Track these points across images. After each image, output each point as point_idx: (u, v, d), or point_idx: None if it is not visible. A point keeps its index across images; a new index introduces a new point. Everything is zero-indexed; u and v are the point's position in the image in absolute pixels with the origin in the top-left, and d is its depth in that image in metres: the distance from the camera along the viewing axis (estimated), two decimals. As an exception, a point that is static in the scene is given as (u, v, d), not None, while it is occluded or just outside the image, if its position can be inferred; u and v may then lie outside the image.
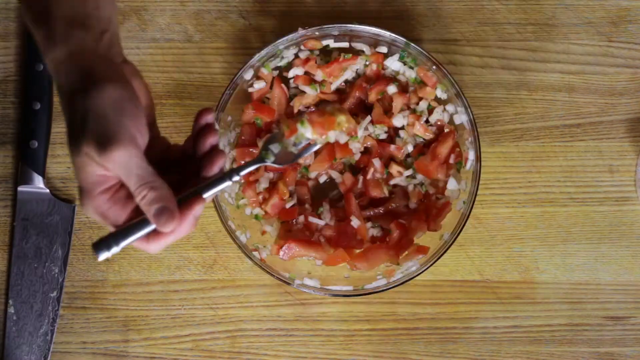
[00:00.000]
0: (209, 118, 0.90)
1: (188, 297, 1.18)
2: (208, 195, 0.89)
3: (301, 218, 1.16)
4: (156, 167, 0.86)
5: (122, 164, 0.84)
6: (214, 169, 0.90)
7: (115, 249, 0.87)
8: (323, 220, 1.16)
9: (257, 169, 1.16)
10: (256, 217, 1.16)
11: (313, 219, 1.16)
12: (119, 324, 1.18)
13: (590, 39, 1.19)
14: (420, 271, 1.13)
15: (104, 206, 0.87)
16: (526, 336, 1.18)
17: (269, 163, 0.98)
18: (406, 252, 1.14)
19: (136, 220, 0.87)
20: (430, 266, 1.13)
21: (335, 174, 1.17)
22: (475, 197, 1.13)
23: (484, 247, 1.18)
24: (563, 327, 1.18)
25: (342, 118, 1.02)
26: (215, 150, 0.90)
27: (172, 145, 0.92)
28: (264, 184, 1.16)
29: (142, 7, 1.19)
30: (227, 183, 0.90)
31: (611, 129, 1.18)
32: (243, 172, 0.92)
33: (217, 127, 0.91)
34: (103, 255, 0.87)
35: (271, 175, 1.17)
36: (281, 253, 1.14)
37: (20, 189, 1.18)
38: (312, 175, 1.17)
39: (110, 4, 0.90)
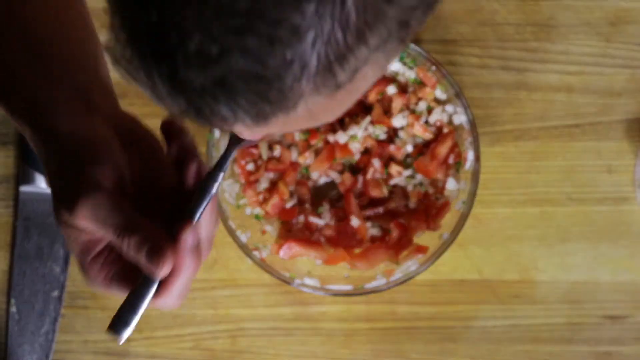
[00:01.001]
0: (167, 124, 0.79)
1: (189, 297, 1.18)
2: (196, 215, 0.76)
3: (301, 218, 1.17)
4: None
5: (92, 217, 0.75)
6: (189, 179, 0.78)
7: (134, 321, 0.76)
8: (323, 220, 1.16)
9: (257, 169, 1.16)
10: (256, 216, 1.16)
11: (313, 219, 1.16)
12: (120, 323, 1.18)
13: (589, 39, 1.19)
14: (420, 270, 1.13)
15: (101, 274, 0.78)
16: (525, 335, 1.18)
17: (246, 142, 0.80)
18: (406, 252, 1.15)
19: (140, 280, 0.76)
20: (429, 265, 1.13)
21: (334, 175, 1.18)
22: (474, 197, 1.13)
23: (483, 247, 1.18)
24: (562, 326, 1.18)
25: None
26: (185, 155, 0.78)
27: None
28: (264, 184, 1.16)
29: (143, 8, 1.19)
30: (211, 191, 0.76)
31: (610, 129, 1.19)
32: (223, 170, 0.78)
33: (182, 128, 0.79)
34: (124, 334, 0.76)
35: (271, 175, 1.17)
36: (281, 252, 1.15)
37: (21, 189, 1.18)
38: (313, 175, 1.18)
39: (85, 58, 0.82)
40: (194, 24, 0.55)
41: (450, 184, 1.15)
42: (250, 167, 1.17)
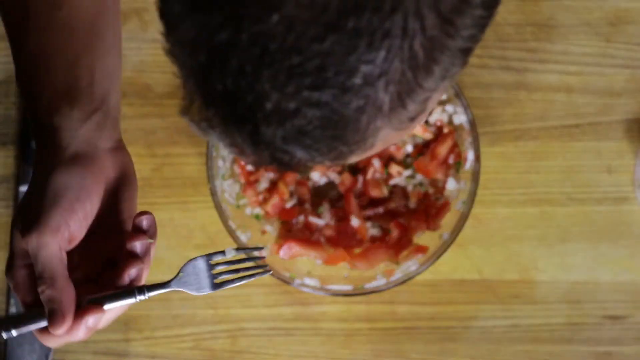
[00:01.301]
0: (138, 220, 0.83)
1: (189, 297, 1.18)
2: (109, 306, 0.81)
3: (301, 218, 1.17)
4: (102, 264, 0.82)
5: (33, 249, 0.79)
6: (124, 278, 0.82)
7: (12, 333, 0.80)
8: (323, 220, 1.16)
9: (257, 169, 1.16)
10: (256, 217, 1.16)
11: (313, 219, 1.16)
12: (119, 323, 1.18)
13: (589, 39, 1.19)
14: (420, 270, 1.13)
15: (19, 279, 0.82)
16: (525, 335, 1.18)
17: (188, 291, 0.86)
18: (406, 252, 1.15)
19: (37, 309, 0.81)
20: (429, 265, 1.13)
21: (334, 175, 1.18)
22: (474, 197, 1.13)
23: (483, 247, 1.18)
24: (562, 326, 1.18)
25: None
26: (131, 257, 0.83)
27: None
28: (264, 184, 1.16)
29: (143, 7, 1.19)
30: (131, 300, 0.81)
31: (609, 129, 1.19)
32: (150, 294, 0.82)
33: (148, 234, 0.83)
34: (3, 335, 0.81)
35: (271, 175, 1.17)
36: (281, 252, 1.15)
37: (21, 189, 1.18)
38: (313, 175, 1.18)
39: (109, 80, 0.85)
40: (269, 86, 0.57)
41: (450, 184, 1.15)
42: (251, 167, 1.17)
